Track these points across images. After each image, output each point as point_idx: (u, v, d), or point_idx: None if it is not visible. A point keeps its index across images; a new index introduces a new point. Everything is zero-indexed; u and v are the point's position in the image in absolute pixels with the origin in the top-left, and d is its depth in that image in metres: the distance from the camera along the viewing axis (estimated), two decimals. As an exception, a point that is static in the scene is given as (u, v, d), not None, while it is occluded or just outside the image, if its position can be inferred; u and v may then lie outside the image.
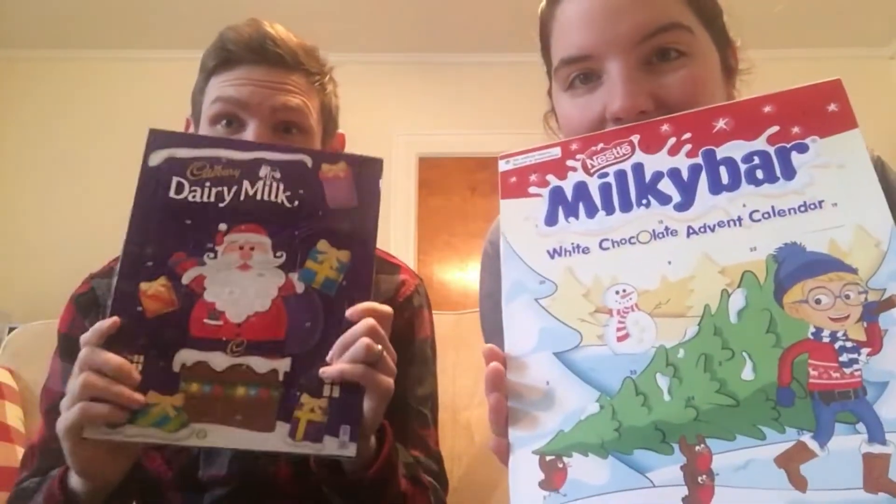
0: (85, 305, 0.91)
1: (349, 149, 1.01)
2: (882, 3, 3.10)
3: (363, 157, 0.75)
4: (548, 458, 0.52)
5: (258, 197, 0.70)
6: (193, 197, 0.70)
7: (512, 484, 0.53)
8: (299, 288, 0.69)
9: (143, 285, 0.67)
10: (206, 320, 0.66)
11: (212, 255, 0.68)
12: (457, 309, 1.45)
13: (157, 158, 0.70)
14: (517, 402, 0.55)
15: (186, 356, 0.65)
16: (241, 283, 0.68)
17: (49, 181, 3.35)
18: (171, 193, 0.70)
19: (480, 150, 3.50)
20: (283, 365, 0.66)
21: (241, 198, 0.70)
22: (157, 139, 0.71)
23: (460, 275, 3.39)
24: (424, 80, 3.53)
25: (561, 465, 0.52)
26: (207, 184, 0.70)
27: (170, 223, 0.69)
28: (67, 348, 0.88)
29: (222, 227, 0.69)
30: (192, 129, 0.94)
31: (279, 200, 0.71)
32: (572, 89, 0.68)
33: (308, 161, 0.73)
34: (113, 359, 0.63)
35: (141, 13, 3.20)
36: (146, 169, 0.70)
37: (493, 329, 0.84)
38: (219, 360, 0.66)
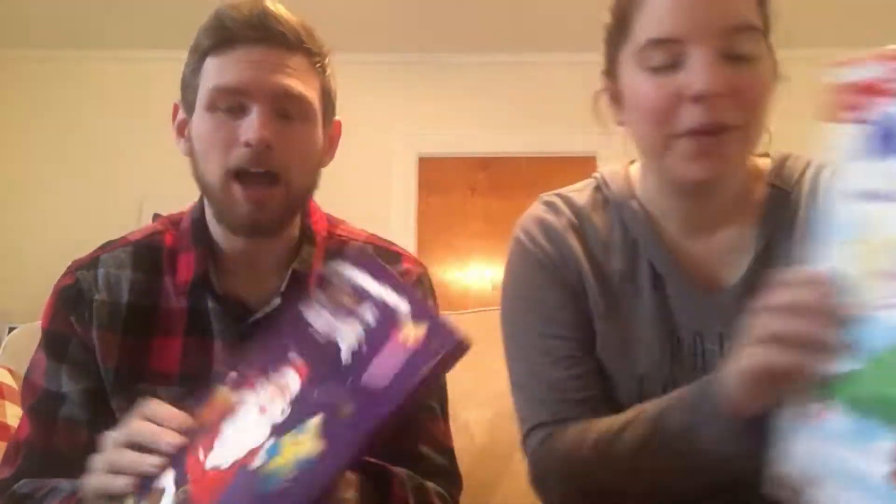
0: (69, 300, 0.84)
1: (350, 149, 0.94)
2: (882, 3, 3.10)
3: (451, 331, 0.55)
4: None
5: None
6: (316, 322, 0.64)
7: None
8: (255, 462, 0.56)
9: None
10: (198, 454, 0.60)
11: (265, 384, 0.63)
12: (457, 309, 1.44)
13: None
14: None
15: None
16: (247, 425, 0.60)
17: (49, 180, 3.35)
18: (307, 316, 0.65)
19: (480, 150, 3.49)
20: None
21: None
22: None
23: (460, 275, 3.39)
24: (424, 80, 3.53)
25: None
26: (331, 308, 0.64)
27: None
28: (51, 345, 0.84)
29: (292, 355, 0.62)
30: (180, 115, 0.87)
31: (345, 346, 0.59)
32: (653, 70, 0.70)
33: (402, 311, 0.59)
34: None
35: (141, 13, 3.20)
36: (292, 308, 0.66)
37: (524, 332, 0.81)
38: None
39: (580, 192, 0.84)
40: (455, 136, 3.49)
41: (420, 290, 0.91)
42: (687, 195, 0.75)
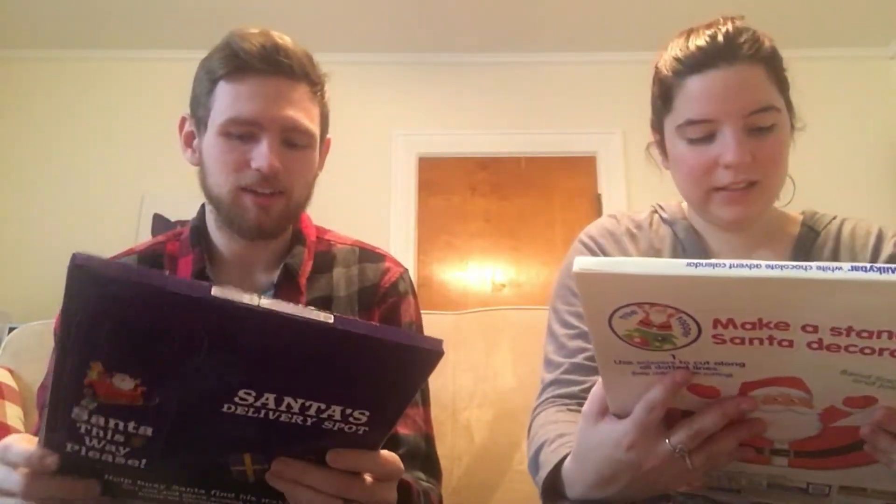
0: None
1: (350, 149, 0.97)
2: (882, 3, 3.09)
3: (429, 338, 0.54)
4: None
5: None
6: None
7: None
8: None
9: None
10: None
11: None
12: (457, 309, 1.45)
13: None
14: None
15: None
16: None
17: (49, 181, 3.35)
18: None
19: (480, 150, 3.49)
20: None
21: None
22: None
23: (460, 275, 3.39)
24: (424, 80, 3.53)
25: None
26: None
27: None
28: None
29: None
30: (188, 127, 0.95)
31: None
32: (691, 141, 0.87)
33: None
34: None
35: (141, 13, 3.20)
36: None
37: (556, 307, 0.96)
38: None
39: (640, 212, 1.02)
40: (455, 136, 3.49)
41: (401, 285, 1.00)
42: (726, 230, 0.93)
